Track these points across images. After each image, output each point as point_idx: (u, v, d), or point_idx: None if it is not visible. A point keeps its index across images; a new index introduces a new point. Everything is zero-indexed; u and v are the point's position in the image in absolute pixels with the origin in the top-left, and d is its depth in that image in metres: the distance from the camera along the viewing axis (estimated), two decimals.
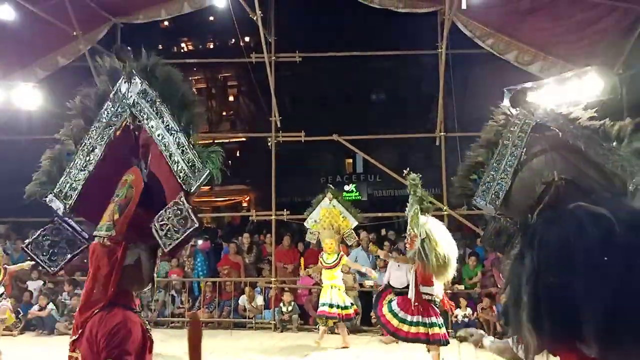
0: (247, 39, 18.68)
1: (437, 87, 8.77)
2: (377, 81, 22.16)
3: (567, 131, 2.21)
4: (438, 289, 5.66)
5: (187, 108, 2.25)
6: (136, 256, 2.11)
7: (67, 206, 2.31)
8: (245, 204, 22.81)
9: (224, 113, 24.71)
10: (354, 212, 7.70)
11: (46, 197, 2.35)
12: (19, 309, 8.83)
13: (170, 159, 2.16)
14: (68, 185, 2.30)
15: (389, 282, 8.84)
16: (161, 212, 2.10)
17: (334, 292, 7.23)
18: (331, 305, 7.16)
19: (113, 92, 2.34)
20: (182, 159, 2.16)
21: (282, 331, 8.61)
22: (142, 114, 2.25)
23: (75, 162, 2.31)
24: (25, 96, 8.76)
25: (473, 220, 9.31)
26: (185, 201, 2.10)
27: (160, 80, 2.25)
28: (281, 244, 9.71)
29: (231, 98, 24.81)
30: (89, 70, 9.07)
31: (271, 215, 9.39)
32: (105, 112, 2.33)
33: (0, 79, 8.80)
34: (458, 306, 8.21)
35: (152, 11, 9.37)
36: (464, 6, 7.00)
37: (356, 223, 7.70)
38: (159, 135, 2.21)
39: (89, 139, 2.32)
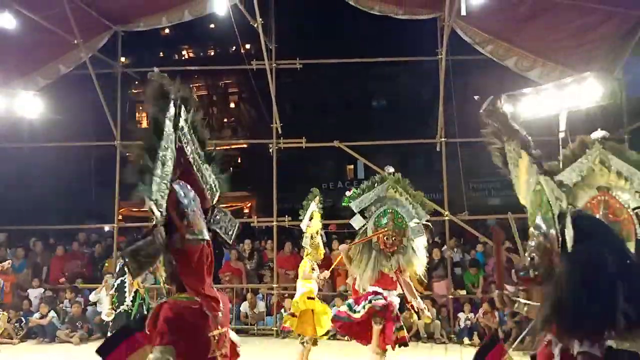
0: (247, 46, 18.74)
1: (438, 93, 8.79)
2: (377, 87, 22.22)
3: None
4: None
5: (205, 140, 2.88)
6: None
7: (162, 213, 2.45)
8: (246, 210, 22.81)
9: (225, 120, 24.78)
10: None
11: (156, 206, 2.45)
12: (20, 317, 8.83)
13: (202, 179, 2.79)
14: (159, 194, 2.45)
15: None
16: (212, 217, 2.77)
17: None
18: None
19: (172, 115, 2.64)
20: (210, 180, 2.83)
21: (284, 338, 8.58)
22: (184, 137, 2.72)
23: (156, 173, 2.46)
24: (26, 104, 8.80)
25: (474, 226, 9.31)
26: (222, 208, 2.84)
27: (191, 111, 2.74)
28: (282, 250, 9.71)
29: (232, 105, 24.88)
30: (90, 78, 9.14)
31: (272, 221, 9.39)
32: (166, 131, 2.59)
33: (1, 87, 8.83)
34: (462, 310, 8.20)
35: (153, 19, 9.41)
36: (463, 12, 7.03)
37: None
38: (192, 158, 2.75)
39: (160, 153, 2.50)
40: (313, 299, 6.18)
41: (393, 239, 5.45)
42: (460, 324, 8.15)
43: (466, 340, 7.90)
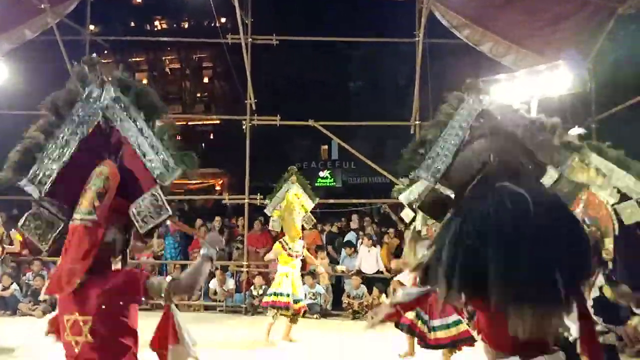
0: (223, 19, 18.34)
1: (414, 76, 8.82)
2: (354, 68, 22.16)
3: (508, 119, 2.55)
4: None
5: (158, 116, 2.69)
6: (113, 235, 2.53)
7: (42, 191, 2.61)
8: (218, 188, 22.62)
9: (198, 95, 24.35)
10: (310, 192, 7.27)
11: (20, 182, 2.63)
12: None
13: (145, 157, 2.59)
14: (42, 173, 2.63)
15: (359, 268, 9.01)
16: (138, 200, 2.55)
17: (288, 283, 6.66)
18: (278, 294, 6.59)
19: (85, 95, 2.68)
20: (157, 159, 2.59)
21: (252, 315, 8.63)
22: (115, 116, 2.65)
23: (49, 153, 2.64)
24: None
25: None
26: (160, 192, 2.55)
27: (134, 90, 2.67)
28: (253, 228, 9.69)
29: (206, 80, 24.44)
30: (56, 44, 8.79)
31: (244, 199, 9.33)
32: (78, 112, 2.68)
33: None
34: None
35: None
36: None
37: (312, 205, 7.26)
38: (131, 136, 2.62)
39: (62, 134, 2.66)
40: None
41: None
42: None
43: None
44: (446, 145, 2.60)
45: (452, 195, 2.50)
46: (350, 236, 9.77)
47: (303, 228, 7.12)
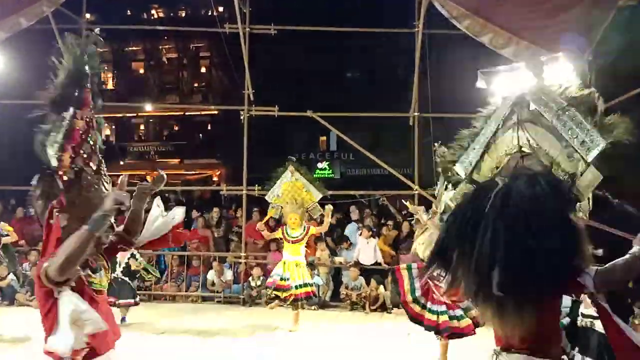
0: (221, 8, 18.18)
1: (413, 67, 8.76)
2: (353, 59, 22.03)
3: (543, 103, 2.48)
4: None
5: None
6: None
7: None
8: (215, 178, 22.55)
9: (196, 85, 24.13)
10: (318, 185, 7.48)
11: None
12: None
13: (92, 138, 2.57)
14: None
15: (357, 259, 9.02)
16: None
17: (292, 268, 6.95)
18: (283, 279, 6.87)
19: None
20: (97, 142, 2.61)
21: (250, 306, 8.64)
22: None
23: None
24: None
25: None
26: None
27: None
28: (251, 219, 9.67)
29: (203, 69, 24.21)
30: (52, 33, 8.69)
31: (242, 190, 9.30)
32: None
33: None
34: None
35: None
36: None
37: (320, 196, 7.43)
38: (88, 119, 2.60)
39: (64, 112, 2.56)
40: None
41: None
42: None
43: None
44: (480, 139, 2.55)
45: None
46: (351, 227, 9.79)
47: (310, 218, 7.40)
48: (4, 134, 12.65)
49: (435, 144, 5.52)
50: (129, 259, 7.31)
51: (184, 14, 23.79)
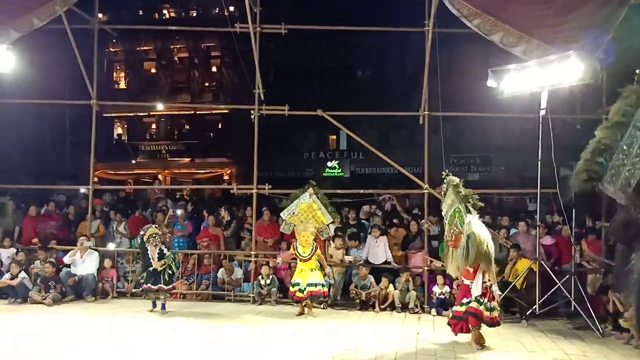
0: (231, 8, 18.25)
1: (423, 66, 8.72)
2: (363, 58, 22.02)
3: None
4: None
5: None
6: None
7: None
8: (226, 177, 22.67)
9: (207, 84, 24.28)
10: (331, 210, 8.47)
11: None
12: None
13: None
14: None
15: (367, 258, 9.03)
16: None
17: (308, 272, 7.69)
18: (301, 290, 7.61)
19: None
20: None
21: (260, 304, 8.68)
22: None
23: None
24: None
25: None
26: None
27: None
28: (261, 218, 9.71)
29: (214, 69, 24.34)
30: (64, 32, 8.80)
31: (252, 189, 9.34)
32: None
33: None
34: (436, 283, 8.36)
35: None
36: None
37: (331, 220, 8.46)
38: None
39: None
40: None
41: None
42: (434, 295, 8.30)
43: (433, 312, 8.13)
44: (633, 151, 1.95)
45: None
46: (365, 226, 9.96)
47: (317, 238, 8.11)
48: (18, 133, 12.82)
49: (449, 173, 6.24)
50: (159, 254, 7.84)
51: (195, 14, 23.94)
